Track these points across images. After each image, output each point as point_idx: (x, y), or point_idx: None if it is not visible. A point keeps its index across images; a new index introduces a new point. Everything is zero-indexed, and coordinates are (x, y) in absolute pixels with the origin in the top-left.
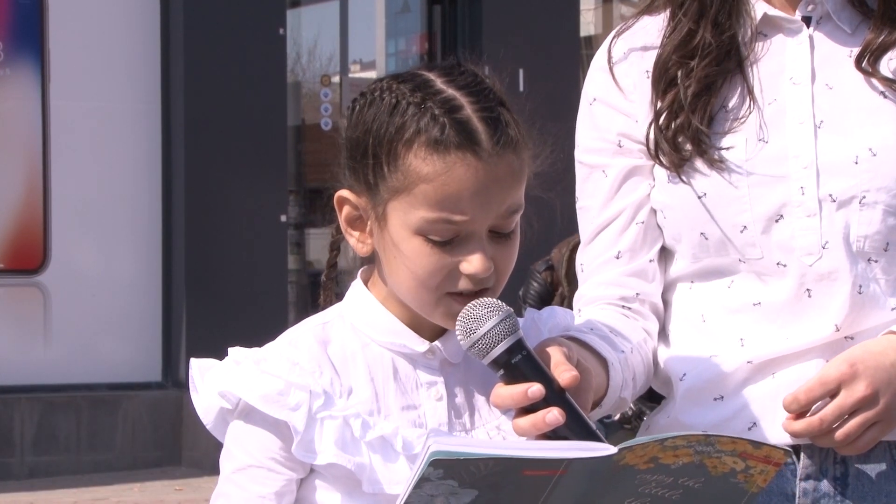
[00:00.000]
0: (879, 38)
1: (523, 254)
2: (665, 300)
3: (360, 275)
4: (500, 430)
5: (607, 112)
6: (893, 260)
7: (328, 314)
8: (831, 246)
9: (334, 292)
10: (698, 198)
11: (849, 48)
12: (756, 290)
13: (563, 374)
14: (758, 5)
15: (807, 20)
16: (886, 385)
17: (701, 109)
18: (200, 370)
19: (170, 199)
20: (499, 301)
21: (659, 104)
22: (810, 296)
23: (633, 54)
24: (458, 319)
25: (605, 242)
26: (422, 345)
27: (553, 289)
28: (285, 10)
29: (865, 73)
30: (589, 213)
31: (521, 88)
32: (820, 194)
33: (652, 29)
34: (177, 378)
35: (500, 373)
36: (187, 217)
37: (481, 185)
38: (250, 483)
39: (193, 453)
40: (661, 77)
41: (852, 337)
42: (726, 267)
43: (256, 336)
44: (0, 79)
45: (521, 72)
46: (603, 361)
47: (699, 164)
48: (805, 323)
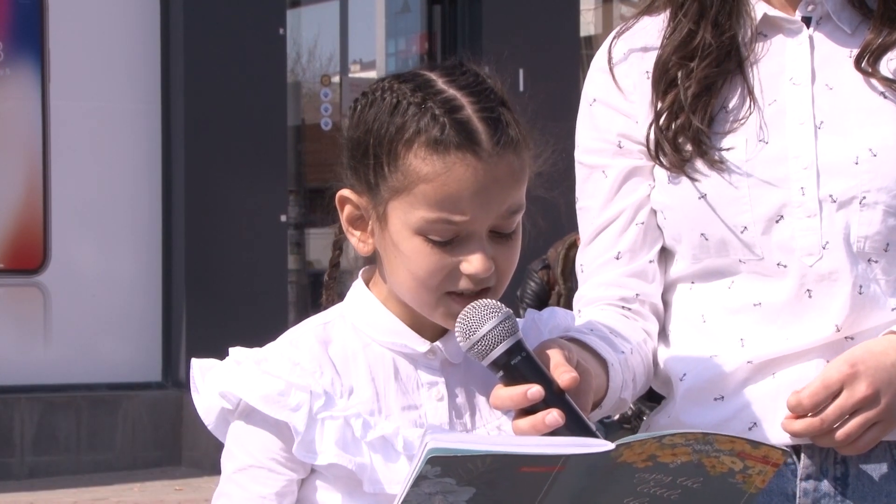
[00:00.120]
0: (879, 39)
1: (527, 254)
2: (665, 301)
3: (361, 275)
4: (500, 431)
5: (607, 113)
6: (894, 260)
7: (329, 314)
8: (832, 246)
9: (336, 292)
10: (698, 198)
11: (849, 48)
12: (756, 290)
13: (563, 375)
14: (758, 6)
15: (807, 20)
16: (887, 385)
17: (701, 110)
18: (201, 370)
19: (170, 199)
20: (498, 302)
21: (659, 105)
22: (811, 296)
23: (634, 55)
24: (457, 321)
25: (605, 243)
26: (423, 345)
27: (549, 287)
28: (285, 10)
29: (865, 73)
30: (589, 213)
31: (521, 88)
32: (820, 195)
33: (652, 29)
34: (177, 378)
35: (500, 374)
36: (187, 217)
37: (481, 185)
38: (251, 483)
39: (193, 453)
40: (661, 78)
41: (853, 337)
42: (726, 267)
43: (256, 336)
44: (0, 79)
45: (521, 72)
46: (603, 362)
47: (699, 164)
48: (805, 323)
